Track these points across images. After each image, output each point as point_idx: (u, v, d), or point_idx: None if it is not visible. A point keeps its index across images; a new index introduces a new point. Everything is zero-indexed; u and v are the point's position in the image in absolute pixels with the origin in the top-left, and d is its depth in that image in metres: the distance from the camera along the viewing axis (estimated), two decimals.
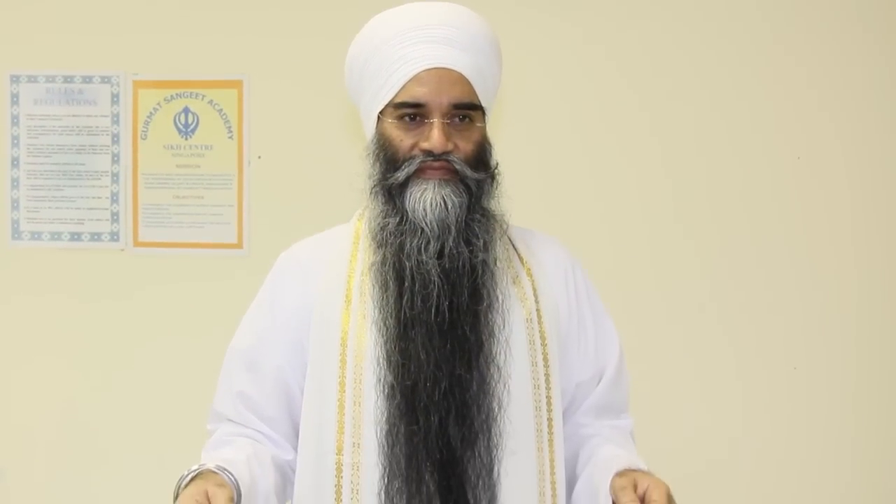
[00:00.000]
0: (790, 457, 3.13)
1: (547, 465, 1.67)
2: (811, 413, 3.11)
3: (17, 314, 3.25)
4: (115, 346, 3.24)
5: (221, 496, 1.47)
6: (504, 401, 1.62)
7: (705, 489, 3.02)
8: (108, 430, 3.24)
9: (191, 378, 2.95)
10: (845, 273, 3.10)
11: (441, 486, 1.58)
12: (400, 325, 1.61)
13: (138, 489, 3.17)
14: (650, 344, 3.04)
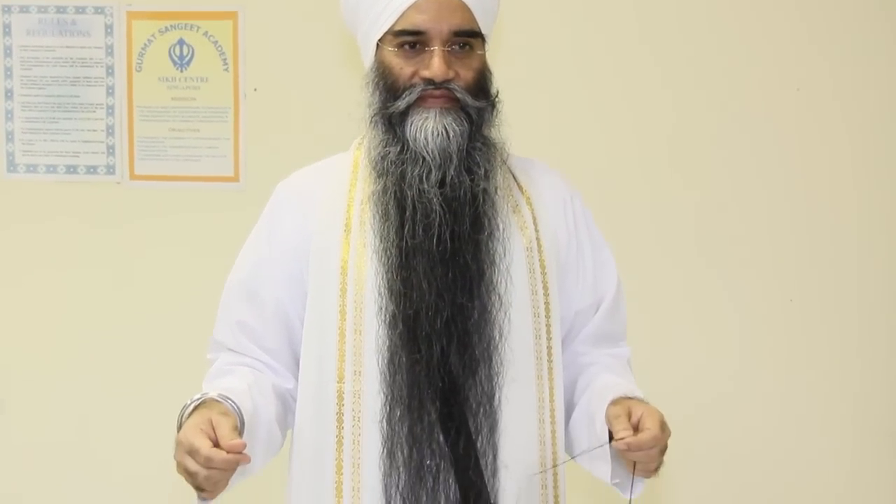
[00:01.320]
0: (790, 390, 3.15)
1: (546, 393, 1.68)
2: (809, 345, 3.13)
3: (13, 246, 3.24)
4: (111, 280, 3.24)
5: (225, 424, 1.48)
6: (505, 329, 1.63)
7: (705, 426, 3.05)
8: (106, 361, 3.25)
9: (188, 313, 2.95)
10: (842, 204, 3.10)
11: (442, 413, 1.59)
12: (401, 255, 1.61)
13: (140, 418, 3.19)
14: (646, 277, 3.04)
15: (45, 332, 3.30)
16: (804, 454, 3.18)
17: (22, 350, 3.30)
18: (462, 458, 1.58)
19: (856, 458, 3.17)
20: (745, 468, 3.18)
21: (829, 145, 3.09)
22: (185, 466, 1.46)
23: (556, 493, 1.69)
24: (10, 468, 3.36)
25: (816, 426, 3.16)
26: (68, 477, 3.36)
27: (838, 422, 3.15)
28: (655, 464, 1.56)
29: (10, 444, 3.34)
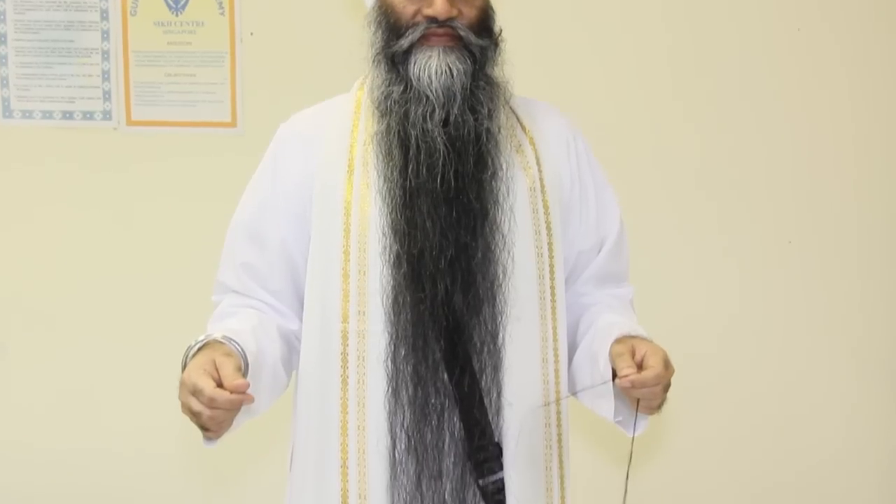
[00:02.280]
0: (789, 330, 3.17)
1: (550, 332, 1.69)
2: (808, 286, 3.14)
3: (10, 192, 3.23)
4: (110, 226, 3.24)
5: (229, 365, 1.49)
6: (508, 268, 1.63)
7: (705, 367, 3.07)
8: (107, 306, 3.25)
9: (188, 257, 2.96)
10: (842, 145, 3.10)
11: (447, 352, 1.60)
12: (405, 194, 1.61)
13: (142, 360, 3.21)
14: (646, 217, 3.03)
15: (44, 277, 3.30)
16: (804, 394, 3.20)
17: (22, 295, 3.30)
18: (466, 396, 1.59)
19: (856, 398, 3.19)
20: (746, 408, 3.21)
21: (830, 86, 3.08)
22: (189, 406, 1.47)
23: (559, 432, 1.70)
24: (12, 412, 3.38)
25: (816, 366, 3.18)
26: (71, 420, 3.38)
27: (838, 362, 3.17)
28: (659, 401, 1.57)
29: (11, 388, 3.36)
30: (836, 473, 3.21)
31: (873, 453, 3.21)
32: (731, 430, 3.21)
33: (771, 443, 3.21)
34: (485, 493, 1.61)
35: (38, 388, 3.35)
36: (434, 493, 1.59)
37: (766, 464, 3.22)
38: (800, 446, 3.21)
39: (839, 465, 3.20)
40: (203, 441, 1.58)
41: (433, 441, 1.59)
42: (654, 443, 3.18)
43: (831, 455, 3.20)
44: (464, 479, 1.60)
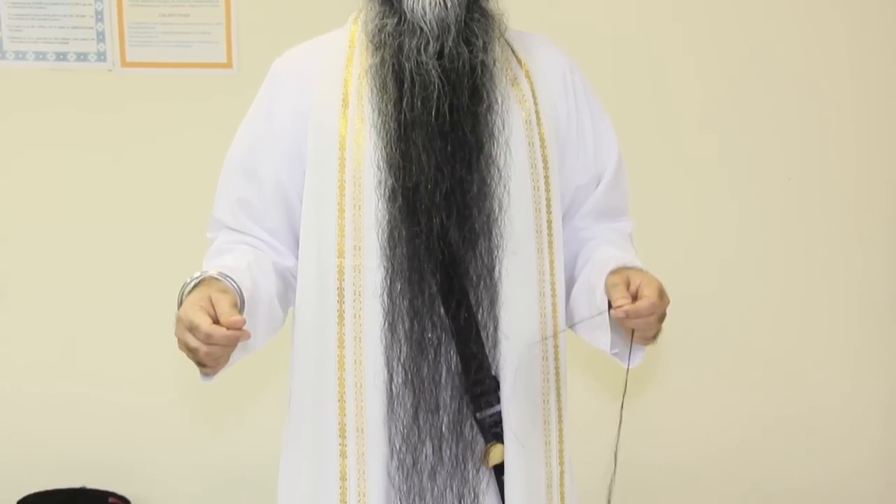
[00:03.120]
0: (788, 267, 3.17)
1: (546, 266, 1.69)
2: (808, 223, 3.14)
3: (5, 134, 3.22)
4: (106, 168, 3.23)
5: (225, 301, 1.49)
6: (504, 202, 1.62)
7: (703, 304, 3.07)
8: (104, 247, 3.26)
9: (184, 197, 2.95)
10: (840, 82, 3.08)
11: (443, 287, 1.59)
12: (400, 128, 1.59)
13: (138, 300, 3.22)
14: (645, 151, 3.02)
15: (41, 220, 3.30)
16: (804, 332, 3.21)
17: (20, 237, 3.30)
18: (463, 329, 1.59)
19: (857, 335, 3.20)
20: (744, 345, 3.22)
21: (829, 24, 3.05)
22: (186, 343, 1.48)
23: (556, 365, 1.70)
24: (11, 355, 3.39)
25: (816, 303, 3.18)
26: (70, 362, 3.39)
27: (838, 298, 3.18)
28: (654, 331, 1.57)
29: (10, 331, 3.37)
30: (837, 410, 3.23)
31: (875, 390, 3.23)
32: (728, 367, 3.23)
33: (769, 380, 3.23)
34: (482, 427, 1.62)
35: (37, 331, 3.37)
36: (431, 426, 1.60)
37: (765, 402, 3.24)
38: (799, 384, 3.22)
39: (840, 403, 3.22)
40: (200, 377, 1.58)
41: (430, 375, 1.60)
42: (651, 378, 3.20)
43: (832, 393, 3.22)
44: (461, 412, 1.61)
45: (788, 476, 3.23)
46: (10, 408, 3.42)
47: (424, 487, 1.60)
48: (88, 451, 3.42)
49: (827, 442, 3.22)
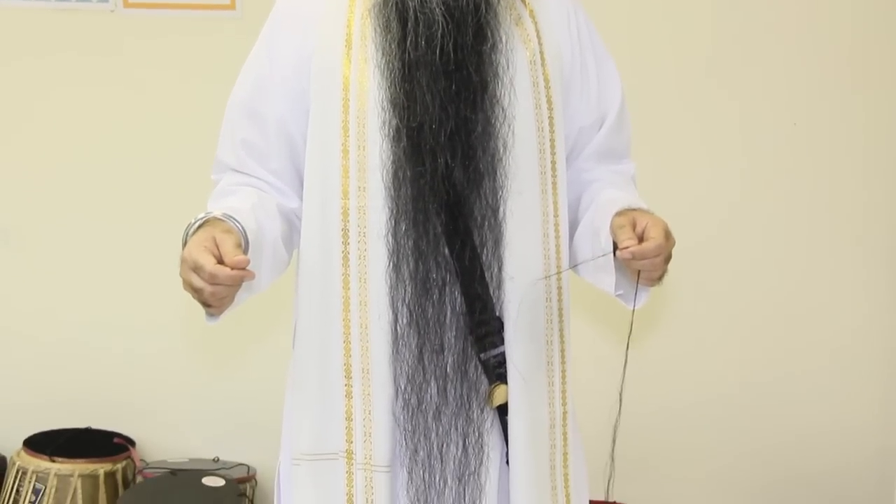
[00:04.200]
0: (793, 213, 3.17)
1: (551, 207, 1.68)
2: (813, 168, 3.13)
3: (7, 76, 3.21)
4: (107, 110, 3.22)
5: (229, 241, 1.49)
6: (509, 142, 1.61)
7: (709, 250, 3.07)
8: (108, 188, 3.27)
9: (187, 140, 2.94)
10: (842, 26, 3.05)
11: (447, 227, 1.59)
12: (404, 67, 1.58)
13: (142, 241, 3.22)
14: (652, 94, 3.00)
15: (45, 163, 3.30)
16: (808, 278, 3.21)
17: (22, 180, 3.30)
18: (467, 270, 1.60)
19: (861, 282, 3.20)
20: (749, 289, 3.23)
21: None
22: (191, 283, 1.48)
23: (559, 307, 1.70)
24: (15, 297, 3.41)
25: (820, 249, 3.18)
26: (74, 304, 3.41)
27: (843, 242, 3.18)
28: (660, 272, 1.57)
29: (14, 273, 3.38)
30: (842, 355, 3.24)
31: (879, 334, 3.23)
32: (733, 312, 3.24)
33: (774, 326, 3.24)
34: (486, 367, 1.63)
35: (40, 273, 3.38)
36: (436, 366, 1.61)
37: (769, 348, 3.25)
38: (803, 330, 3.23)
39: (844, 347, 3.23)
40: (205, 318, 1.58)
41: (434, 315, 1.60)
42: (655, 320, 3.21)
43: (837, 338, 3.23)
44: (465, 352, 1.61)
45: (792, 421, 3.25)
46: (16, 350, 3.44)
47: (429, 427, 1.61)
48: (94, 393, 3.45)
49: (831, 386, 3.24)
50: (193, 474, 3.26)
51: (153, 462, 3.39)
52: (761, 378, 3.24)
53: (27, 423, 3.34)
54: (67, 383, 3.46)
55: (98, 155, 3.25)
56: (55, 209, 3.34)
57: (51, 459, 3.19)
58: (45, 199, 3.34)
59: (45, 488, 3.16)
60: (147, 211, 3.22)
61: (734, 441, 3.27)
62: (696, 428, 3.28)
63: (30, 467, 3.18)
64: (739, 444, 3.27)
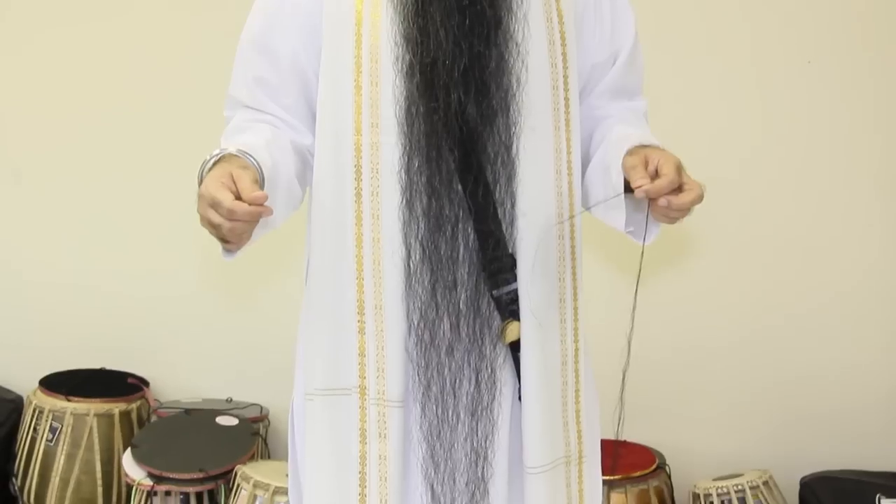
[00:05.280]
0: (809, 153, 3.15)
1: (564, 144, 1.68)
2: (828, 106, 3.11)
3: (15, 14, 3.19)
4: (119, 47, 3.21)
5: (246, 177, 1.49)
6: (522, 78, 1.61)
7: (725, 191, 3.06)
8: (119, 124, 3.27)
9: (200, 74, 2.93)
10: None
11: (461, 163, 1.59)
12: (417, 2, 1.58)
13: (157, 178, 3.23)
14: (667, 38, 2.98)
15: (58, 102, 3.29)
16: (825, 217, 3.20)
17: (36, 120, 3.30)
18: (480, 206, 1.60)
19: (877, 219, 3.19)
20: (764, 231, 3.22)
21: None
22: (209, 219, 1.48)
23: (572, 245, 1.71)
24: (29, 240, 3.42)
25: (836, 188, 3.17)
26: (88, 242, 3.43)
27: (858, 182, 3.16)
28: (685, 214, 1.56)
29: (27, 216, 3.39)
30: (853, 292, 3.23)
31: (891, 273, 3.22)
32: (744, 250, 3.23)
33: (785, 265, 3.23)
34: (499, 304, 1.63)
35: (53, 214, 3.39)
36: (449, 302, 1.61)
37: (779, 286, 3.25)
38: (814, 267, 3.22)
39: (856, 285, 3.22)
40: (222, 254, 1.59)
41: (447, 252, 1.60)
42: (666, 262, 3.21)
43: (847, 276, 3.22)
44: (478, 289, 1.62)
45: (802, 360, 3.25)
46: (30, 292, 3.46)
47: (442, 363, 1.62)
48: (108, 335, 3.47)
49: (842, 325, 3.23)
50: (207, 414, 3.29)
51: (167, 402, 3.43)
52: (772, 318, 3.25)
53: (42, 365, 3.38)
54: (81, 325, 3.49)
55: (112, 94, 3.24)
56: (68, 149, 3.35)
57: (66, 399, 3.23)
58: (59, 139, 3.34)
59: (62, 427, 3.20)
60: (161, 151, 3.23)
61: (745, 381, 3.28)
62: (707, 368, 3.30)
63: (46, 406, 3.22)
64: (750, 384, 3.28)
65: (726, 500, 3.01)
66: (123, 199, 3.36)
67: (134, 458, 3.00)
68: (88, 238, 3.43)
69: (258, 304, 3.41)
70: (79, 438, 3.20)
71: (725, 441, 3.29)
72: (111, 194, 3.37)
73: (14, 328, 3.50)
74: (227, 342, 3.47)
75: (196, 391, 3.49)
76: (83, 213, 3.40)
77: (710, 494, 3.03)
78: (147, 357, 3.48)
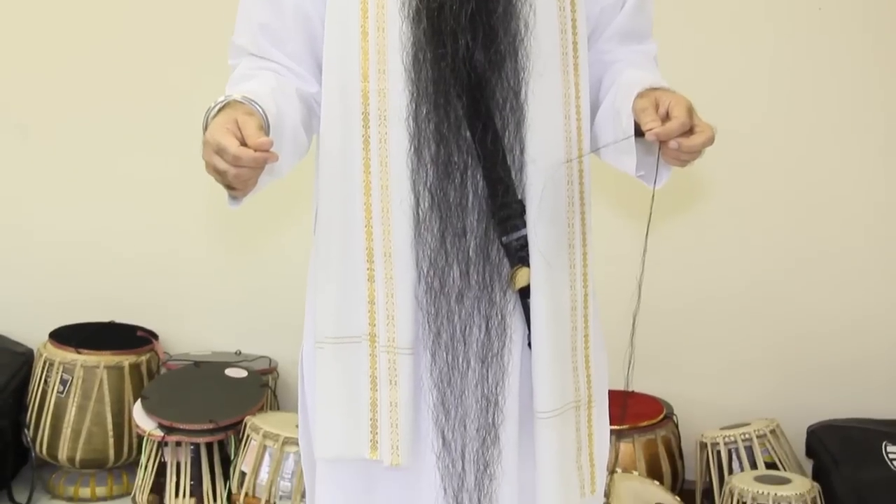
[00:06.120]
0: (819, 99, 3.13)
1: (572, 89, 1.67)
2: (837, 54, 3.09)
3: None
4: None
5: (251, 124, 1.48)
6: (530, 22, 1.59)
7: (737, 140, 3.05)
8: (123, 72, 3.25)
9: (204, 21, 2.91)
10: None
11: (469, 110, 1.58)
12: None
13: (162, 127, 3.22)
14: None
15: (61, 54, 3.28)
16: (831, 165, 3.19)
17: (41, 76, 3.29)
18: (489, 153, 1.59)
19: (882, 171, 3.18)
20: (771, 180, 3.21)
21: None
22: (214, 166, 1.47)
23: (581, 189, 1.70)
24: (36, 195, 3.42)
25: (846, 136, 3.15)
26: (95, 202, 3.43)
27: (867, 130, 3.15)
28: (697, 156, 1.56)
29: (34, 172, 3.39)
30: (863, 241, 3.22)
31: None
32: (756, 199, 3.22)
33: (796, 214, 3.23)
34: (508, 250, 1.63)
35: (60, 170, 3.39)
36: (458, 250, 1.61)
37: (790, 236, 3.24)
38: (825, 216, 3.22)
39: (866, 233, 3.21)
40: (228, 201, 1.59)
41: (456, 199, 1.59)
42: (676, 211, 3.20)
43: (857, 225, 3.21)
44: (487, 235, 1.61)
45: (814, 311, 3.25)
46: (37, 246, 3.47)
47: (452, 310, 1.62)
48: (116, 289, 3.48)
49: (853, 276, 3.23)
50: (216, 366, 3.31)
51: (176, 355, 3.45)
52: (781, 269, 3.24)
53: (51, 319, 3.39)
54: (90, 280, 3.50)
55: (117, 49, 3.23)
56: (74, 105, 3.33)
57: (76, 351, 3.24)
58: (64, 95, 3.33)
59: (72, 379, 3.22)
60: (167, 105, 3.21)
61: (753, 331, 3.29)
62: (715, 318, 3.30)
63: (56, 359, 3.24)
64: (758, 334, 3.29)
65: (733, 448, 3.03)
66: (130, 154, 3.35)
67: (144, 409, 3.02)
68: (96, 193, 3.43)
69: (267, 258, 3.41)
70: (89, 390, 3.22)
71: (733, 391, 3.30)
72: (118, 149, 3.36)
73: (22, 283, 3.51)
74: (236, 296, 3.48)
75: (205, 345, 3.50)
76: (90, 168, 3.40)
77: (718, 443, 3.05)
78: (156, 311, 3.50)
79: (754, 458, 3.01)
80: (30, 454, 3.27)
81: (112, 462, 3.28)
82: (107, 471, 3.33)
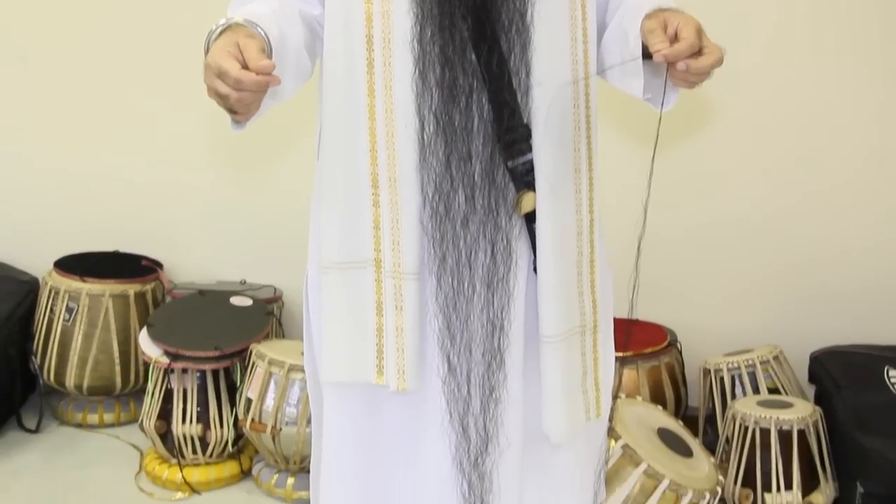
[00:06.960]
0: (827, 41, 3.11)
1: (579, 11, 1.64)
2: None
3: None
4: None
5: (253, 46, 1.46)
6: None
7: (740, 87, 3.01)
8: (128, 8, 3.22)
9: None
10: None
11: (474, 32, 1.56)
12: None
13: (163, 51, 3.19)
14: None
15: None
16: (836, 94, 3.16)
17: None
18: (495, 76, 1.57)
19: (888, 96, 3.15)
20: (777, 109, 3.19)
21: None
22: (216, 89, 1.46)
23: (587, 113, 1.68)
24: (37, 123, 3.40)
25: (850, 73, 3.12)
26: (97, 131, 3.41)
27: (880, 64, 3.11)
28: (704, 78, 1.54)
29: (35, 98, 3.37)
30: (868, 169, 3.20)
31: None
32: (761, 128, 3.20)
33: (802, 142, 3.21)
34: (514, 175, 1.62)
35: (60, 97, 3.37)
36: (464, 174, 1.60)
37: (796, 163, 3.23)
38: (830, 145, 3.20)
39: (870, 161, 3.20)
40: (231, 126, 1.58)
41: (462, 123, 1.58)
42: (682, 139, 3.18)
43: (862, 153, 3.19)
44: (493, 160, 1.60)
45: (819, 239, 3.24)
46: (42, 177, 3.47)
47: (458, 235, 1.61)
48: (120, 219, 3.49)
49: (857, 204, 3.21)
50: (221, 295, 3.32)
51: (181, 284, 3.46)
52: (787, 196, 3.23)
53: (56, 248, 3.39)
54: (94, 209, 3.50)
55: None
56: (75, 31, 3.30)
57: (82, 280, 3.25)
58: (65, 19, 3.29)
59: (78, 307, 3.23)
60: (169, 31, 3.18)
61: (756, 259, 3.29)
62: (719, 246, 3.30)
63: (62, 287, 3.25)
64: (762, 262, 3.28)
65: (736, 374, 3.04)
66: (135, 82, 3.33)
67: (150, 337, 3.03)
68: (101, 121, 3.41)
69: (271, 188, 3.40)
70: (95, 318, 3.24)
71: (737, 318, 3.30)
72: (122, 77, 3.33)
73: (26, 213, 3.51)
74: (241, 225, 3.48)
75: (210, 274, 3.51)
76: (94, 96, 3.37)
77: (721, 370, 3.06)
78: (160, 241, 3.50)
79: (757, 384, 3.02)
80: (38, 381, 3.29)
81: (119, 389, 3.31)
82: (114, 398, 3.36)
